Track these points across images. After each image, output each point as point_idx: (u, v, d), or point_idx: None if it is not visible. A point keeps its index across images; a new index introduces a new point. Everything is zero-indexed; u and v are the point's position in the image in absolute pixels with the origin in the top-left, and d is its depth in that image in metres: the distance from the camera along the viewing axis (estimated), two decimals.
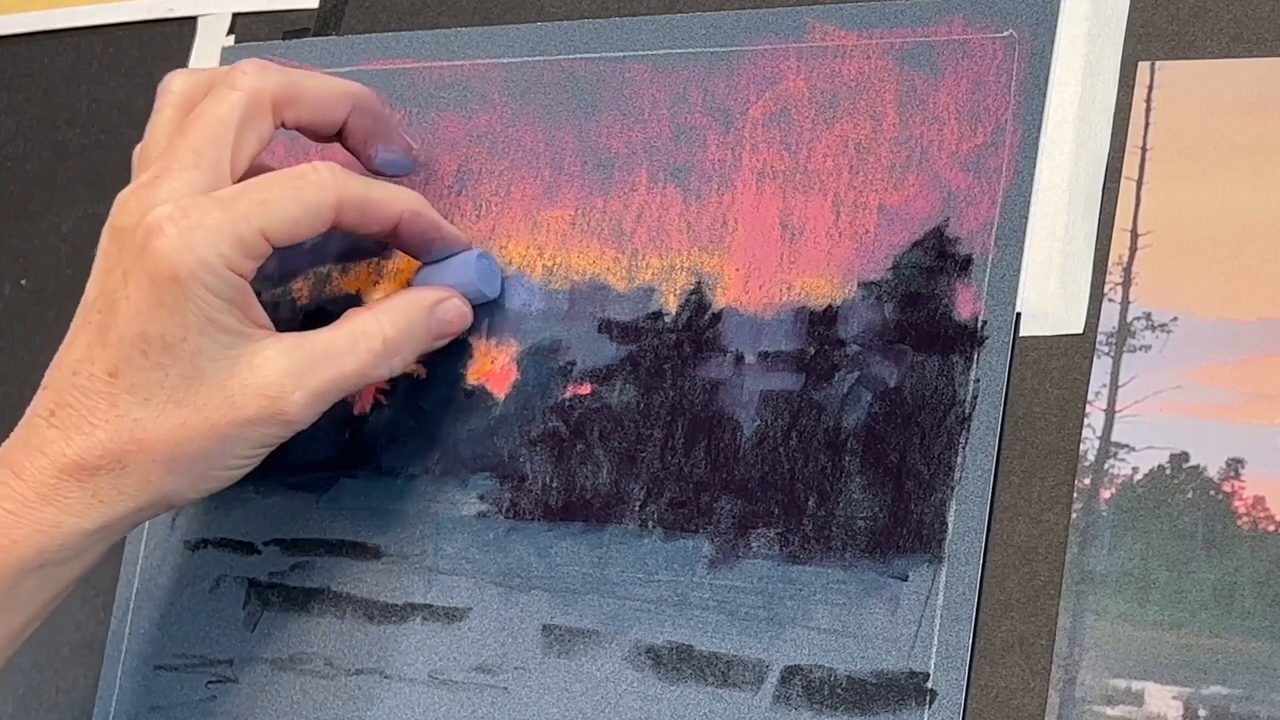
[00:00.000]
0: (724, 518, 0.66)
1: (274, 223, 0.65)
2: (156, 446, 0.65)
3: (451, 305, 0.69)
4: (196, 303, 0.64)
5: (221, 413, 0.65)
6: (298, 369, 0.65)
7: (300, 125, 0.69)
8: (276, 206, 0.65)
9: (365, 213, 0.67)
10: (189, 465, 0.65)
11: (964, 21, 0.66)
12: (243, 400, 0.65)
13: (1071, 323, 0.63)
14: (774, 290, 0.67)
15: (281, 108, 0.68)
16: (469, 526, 0.70)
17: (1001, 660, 0.61)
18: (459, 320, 0.69)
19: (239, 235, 0.64)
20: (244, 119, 0.66)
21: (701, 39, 0.70)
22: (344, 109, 0.70)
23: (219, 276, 0.64)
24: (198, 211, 0.64)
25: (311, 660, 0.72)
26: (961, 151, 0.65)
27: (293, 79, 0.68)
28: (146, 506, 0.66)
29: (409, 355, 0.68)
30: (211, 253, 0.63)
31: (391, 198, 0.68)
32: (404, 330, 0.67)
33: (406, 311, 0.68)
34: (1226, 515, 0.59)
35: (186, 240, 0.63)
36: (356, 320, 0.67)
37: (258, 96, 0.67)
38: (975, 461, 0.63)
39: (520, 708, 0.67)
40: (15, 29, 0.87)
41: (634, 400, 0.68)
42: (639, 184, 0.70)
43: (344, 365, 0.66)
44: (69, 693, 0.77)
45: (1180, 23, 0.64)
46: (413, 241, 0.69)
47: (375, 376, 0.67)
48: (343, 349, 0.66)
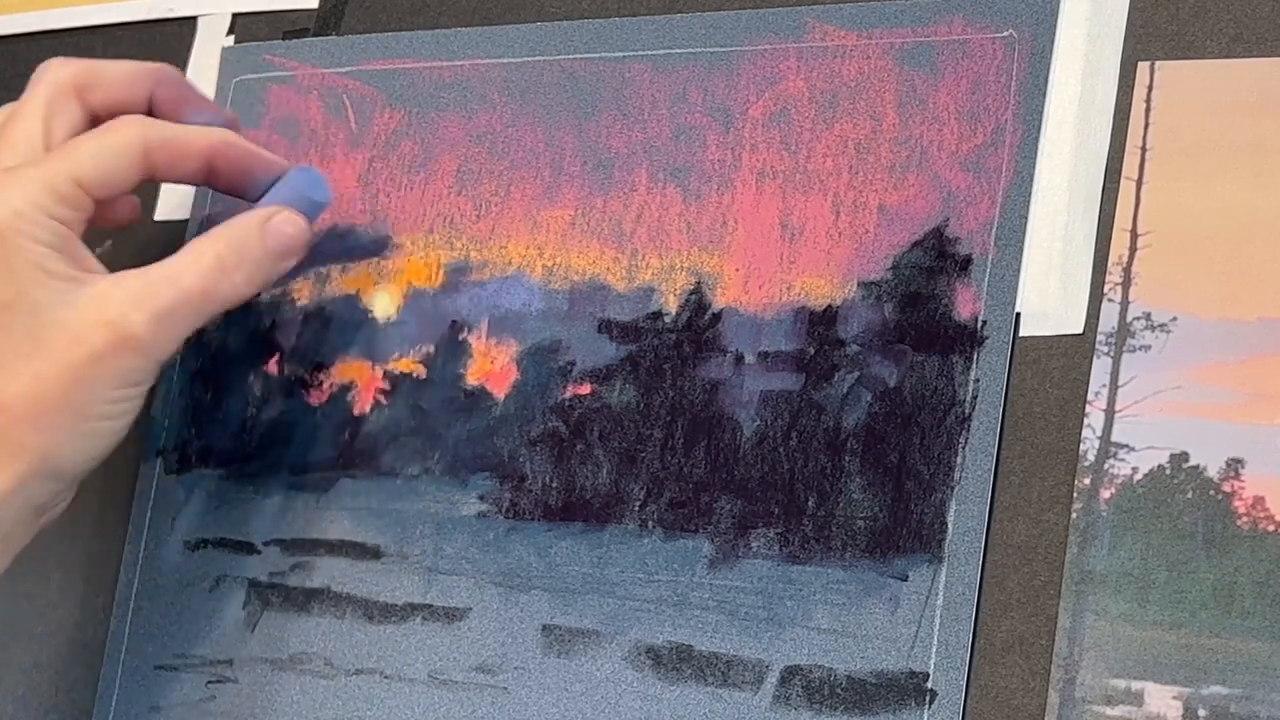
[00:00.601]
0: (724, 518, 0.66)
1: (83, 169, 0.66)
2: (15, 403, 0.64)
3: (284, 217, 0.70)
4: (21, 253, 0.65)
5: (71, 353, 0.65)
6: (136, 295, 0.66)
7: (109, 107, 0.70)
8: (85, 154, 0.67)
9: (175, 151, 0.69)
10: (55, 416, 0.65)
11: (964, 21, 0.66)
12: (89, 335, 0.65)
13: (1071, 323, 0.63)
14: (774, 290, 0.67)
15: (85, 92, 0.70)
16: (469, 526, 0.70)
17: (1001, 660, 0.61)
18: (296, 232, 0.70)
19: (51, 184, 0.66)
20: (50, 108, 0.69)
21: (701, 39, 0.70)
22: (146, 84, 0.72)
23: (38, 224, 0.65)
24: (10, 176, 0.66)
25: (311, 660, 0.72)
26: (961, 151, 0.65)
27: (91, 65, 0.71)
28: (29, 477, 0.65)
29: (251, 272, 0.68)
30: (25, 202, 0.65)
31: (198, 133, 0.70)
32: (237, 246, 0.68)
33: (237, 229, 0.68)
34: (1226, 515, 0.59)
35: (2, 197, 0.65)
36: (191, 246, 0.68)
37: (58, 84, 0.69)
38: (975, 461, 0.63)
39: (520, 708, 0.67)
40: (15, 29, 0.87)
41: (634, 400, 0.68)
42: (639, 184, 0.70)
43: (183, 283, 0.66)
44: (69, 693, 0.77)
45: (1180, 23, 0.64)
46: (231, 175, 0.70)
47: (222, 295, 0.67)
48: (178, 271, 0.67)
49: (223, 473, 0.75)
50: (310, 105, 0.78)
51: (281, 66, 0.79)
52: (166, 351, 0.66)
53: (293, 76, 0.78)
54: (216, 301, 0.67)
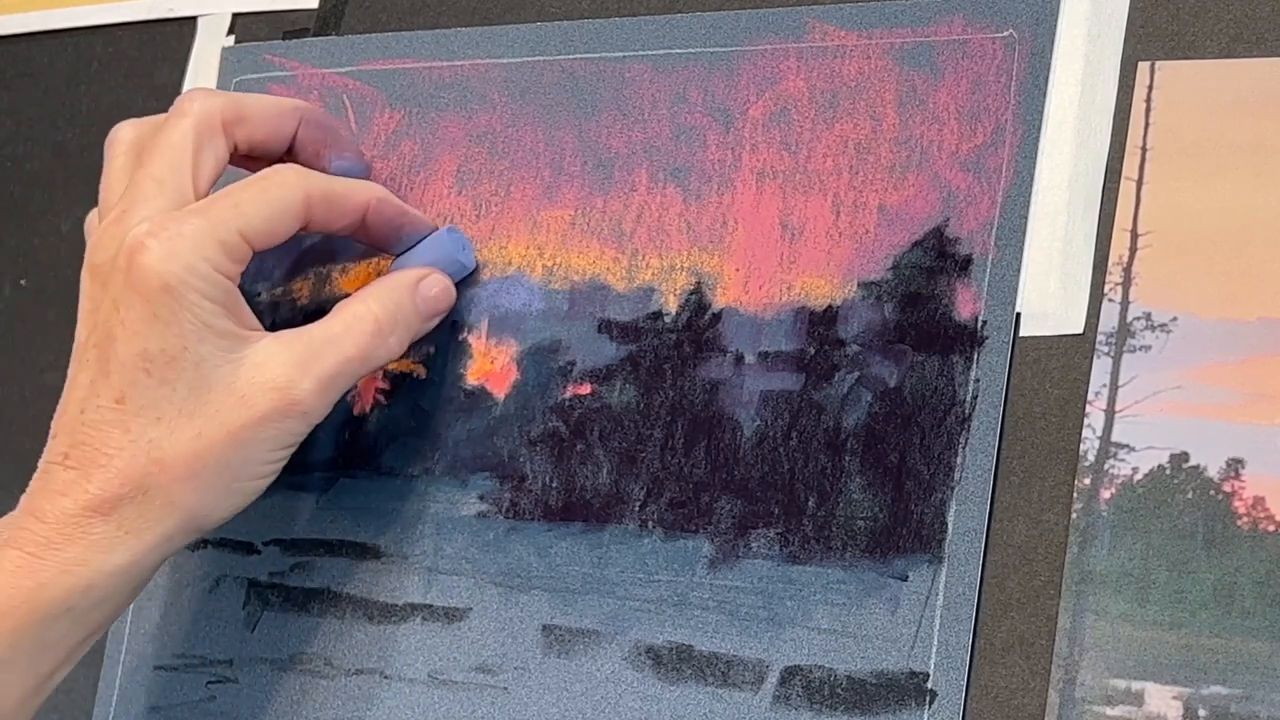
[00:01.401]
0: (724, 518, 0.66)
1: (250, 223, 0.65)
2: (176, 463, 0.64)
3: (434, 280, 0.70)
4: (191, 309, 0.64)
5: (235, 415, 0.64)
6: (302, 359, 0.65)
7: (253, 144, 0.70)
8: (250, 207, 0.65)
9: (333, 206, 0.68)
10: (212, 478, 0.65)
11: (964, 21, 0.66)
12: (254, 398, 0.65)
13: (1071, 323, 0.63)
14: (774, 290, 0.67)
15: (231, 127, 0.69)
16: (469, 526, 0.70)
17: (1001, 660, 0.61)
18: (444, 294, 0.70)
19: (219, 238, 0.64)
20: (198, 141, 0.67)
21: (701, 39, 0.71)
22: (292, 122, 0.71)
23: (208, 280, 0.64)
24: (175, 223, 0.64)
25: (311, 660, 0.72)
26: (961, 151, 0.65)
27: (238, 100, 0.69)
28: (174, 533, 0.65)
29: (404, 335, 0.68)
30: (197, 257, 0.64)
31: (356, 189, 0.69)
32: (393, 310, 0.68)
33: (392, 291, 0.68)
34: (1226, 515, 0.59)
35: (170, 249, 0.64)
36: (347, 308, 0.68)
37: (208, 118, 0.68)
38: (975, 461, 0.63)
39: (520, 708, 0.67)
40: (15, 29, 0.87)
41: (634, 400, 0.68)
42: (639, 184, 0.70)
43: (345, 350, 0.66)
44: (69, 693, 0.77)
45: (1180, 23, 0.64)
46: (381, 230, 0.70)
47: (376, 359, 0.68)
48: (339, 335, 0.67)
49: None
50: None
51: (281, 66, 0.79)
52: (324, 415, 0.66)
53: (293, 76, 0.78)
54: (372, 365, 0.68)
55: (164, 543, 0.65)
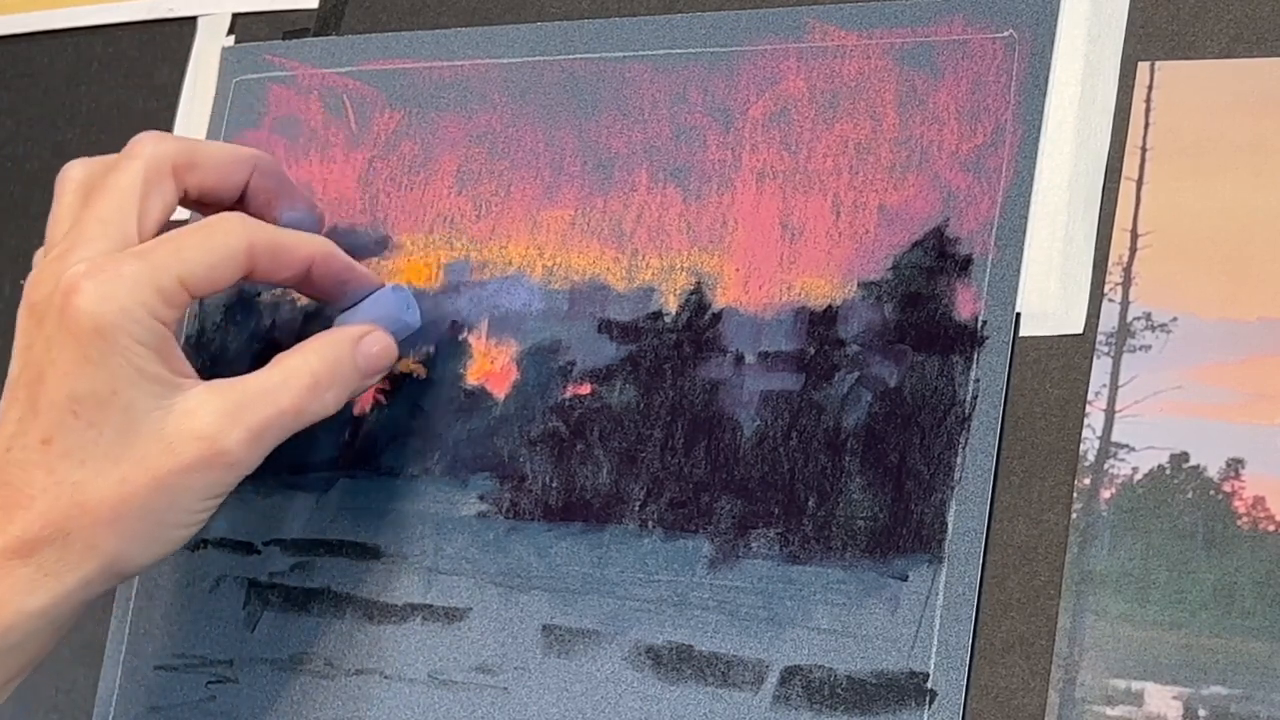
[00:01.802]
0: (724, 518, 0.66)
1: (190, 269, 0.64)
2: (99, 507, 0.63)
3: (375, 338, 0.68)
4: (122, 353, 0.63)
5: (161, 462, 0.63)
6: (233, 409, 0.64)
7: (203, 190, 0.69)
8: (191, 253, 0.65)
9: (277, 257, 0.67)
10: (135, 524, 0.64)
11: (964, 21, 0.66)
12: (181, 447, 0.64)
13: (1071, 323, 0.63)
14: (774, 290, 0.67)
15: (182, 173, 0.68)
16: (469, 526, 0.70)
17: (1001, 660, 0.61)
18: (384, 352, 0.69)
19: (158, 284, 0.64)
20: (146, 185, 0.66)
21: (701, 39, 0.71)
22: (244, 171, 0.70)
23: (142, 325, 0.63)
24: (113, 265, 0.64)
25: (311, 660, 0.72)
26: (961, 151, 0.65)
27: (191, 145, 0.69)
28: (94, 578, 0.64)
29: (341, 390, 0.67)
30: (132, 300, 0.63)
31: (302, 241, 0.68)
32: (332, 364, 0.67)
33: (332, 347, 0.67)
34: (1226, 515, 0.59)
35: (106, 291, 0.63)
36: (285, 360, 0.67)
37: (158, 162, 0.67)
38: (975, 461, 0.63)
39: (520, 708, 0.67)
40: (15, 29, 0.87)
41: (634, 400, 0.68)
42: (639, 184, 0.70)
43: (280, 402, 0.65)
44: (69, 693, 0.77)
45: (1180, 23, 0.64)
46: (326, 284, 0.69)
47: (312, 413, 0.66)
48: (275, 387, 0.66)
49: None
50: (310, 105, 0.78)
51: (281, 66, 0.79)
52: (253, 466, 0.65)
53: (293, 76, 0.78)
54: (306, 419, 0.67)
55: (84, 587, 0.64)
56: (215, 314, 0.76)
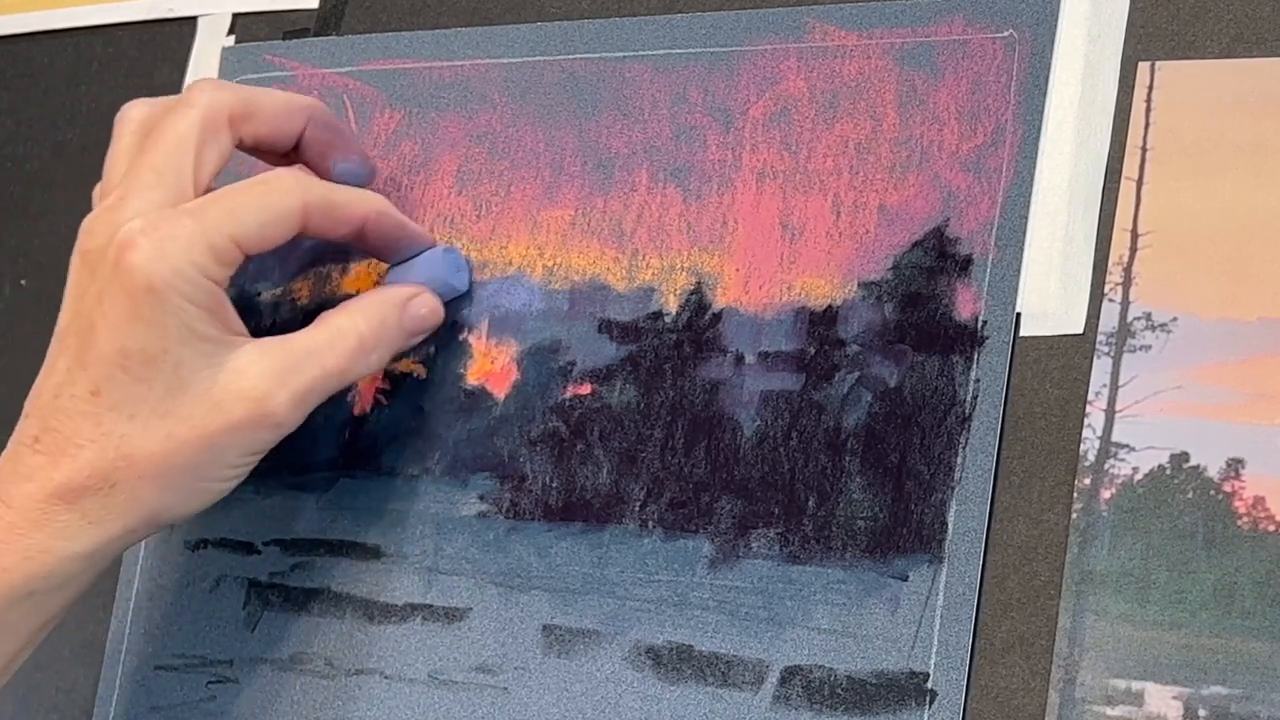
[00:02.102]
0: (724, 518, 0.66)
1: (244, 229, 0.65)
2: (145, 462, 0.64)
3: (423, 300, 0.69)
4: (174, 312, 0.63)
5: (209, 420, 0.64)
6: (280, 370, 0.65)
7: (258, 140, 0.69)
8: (245, 213, 0.65)
9: (331, 215, 0.67)
10: (179, 478, 0.65)
11: (964, 21, 0.66)
12: (229, 405, 0.64)
13: (1071, 323, 0.63)
14: (774, 290, 0.67)
15: (238, 123, 0.68)
16: (469, 526, 0.70)
17: (1001, 660, 0.61)
18: (431, 315, 0.70)
19: (211, 243, 0.64)
20: (203, 135, 0.67)
21: (701, 39, 0.71)
22: (300, 121, 0.70)
23: (195, 284, 0.64)
24: (167, 223, 0.64)
25: (311, 660, 0.72)
26: (961, 151, 0.65)
27: (247, 94, 0.69)
28: (138, 526, 0.65)
29: (386, 351, 0.68)
30: (185, 260, 0.63)
31: (355, 199, 0.68)
32: (378, 326, 0.68)
33: (379, 308, 0.68)
34: (1226, 515, 0.59)
35: (160, 250, 0.63)
36: (332, 320, 0.67)
37: (214, 111, 0.67)
38: (975, 461, 0.63)
39: (520, 708, 0.67)
40: (15, 29, 0.87)
41: (634, 400, 0.68)
42: (639, 184, 0.70)
43: (325, 363, 0.66)
44: (69, 693, 0.77)
45: (1180, 23, 0.64)
46: (379, 242, 0.70)
47: (356, 374, 0.67)
48: (322, 348, 0.66)
49: None
50: None
51: (281, 66, 0.79)
52: (297, 425, 0.66)
53: (293, 76, 0.78)
54: (351, 379, 0.67)
55: (126, 535, 0.65)
56: None
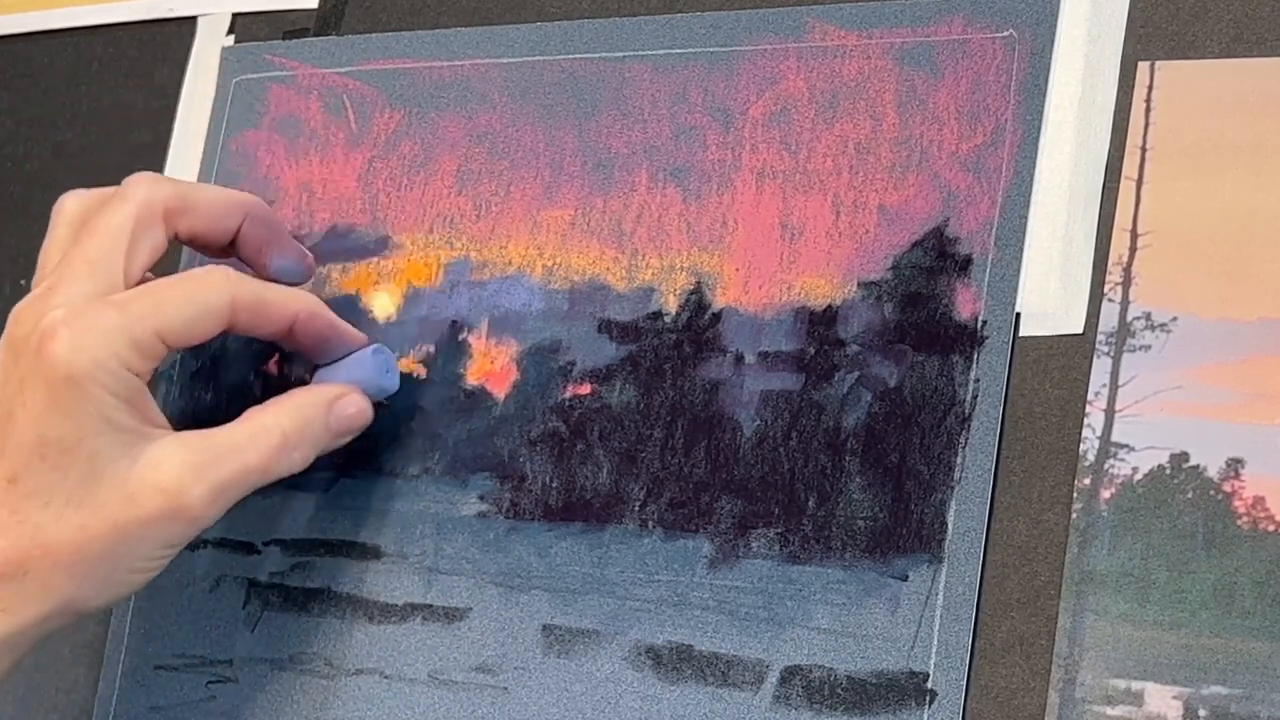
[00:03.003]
0: (724, 518, 0.66)
1: (168, 323, 0.65)
2: (58, 550, 0.64)
3: (350, 400, 0.69)
4: (93, 402, 0.63)
5: (123, 512, 0.64)
6: (198, 464, 0.65)
7: (194, 235, 0.69)
8: (170, 308, 0.65)
9: (259, 313, 0.67)
10: (93, 568, 0.64)
11: (964, 21, 0.66)
12: (143, 498, 0.64)
13: (1071, 323, 0.63)
14: (774, 290, 0.67)
15: (174, 217, 0.68)
16: (469, 526, 0.70)
17: (1001, 660, 0.61)
18: (358, 415, 0.69)
19: (133, 336, 0.64)
20: (136, 229, 0.66)
21: (701, 39, 0.70)
22: (236, 218, 0.70)
23: (114, 376, 0.63)
24: (91, 314, 0.64)
25: (311, 660, 0.72)
26: (961, 151, 0.65)
27: (184, 190, 0.68)
28: (51, 614, 0.65)
29: (310, 450, 0.68)
30: (106, 352, 0.63)
31: (286, 299, 0.68)
32: (302, 425, 0.67)
33: (305, 408, 0.67)
34: (1226, 515, 0.59)
35: (81, 341, 0.63)
36: (255, 418, 0.67)
37: (150, 206, 0.67)
38: (975, 461, 0.63)
39: (520, 708, 0.67)
40: (15, 29, 0.87)
41: (634, 400, 0.68)
42: (639, 184, 0.70)
43: (246, 459, 0.66)
44: (69, 693, 0.77)
45: (1180, 23, 0.64)
46: (308, 342, 0.69)
47: (278, 472, 0.67)
48: (243, 444, 0.66)
49: None
50: (310, 105, 0.78)
51: (281, 66, 0.79)
52: (214, 520, 0.66)
53: (293, 76, 0.78)
54: (272, 476, 0.67)
55: (40, 623, 0.65)
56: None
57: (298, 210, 0.76)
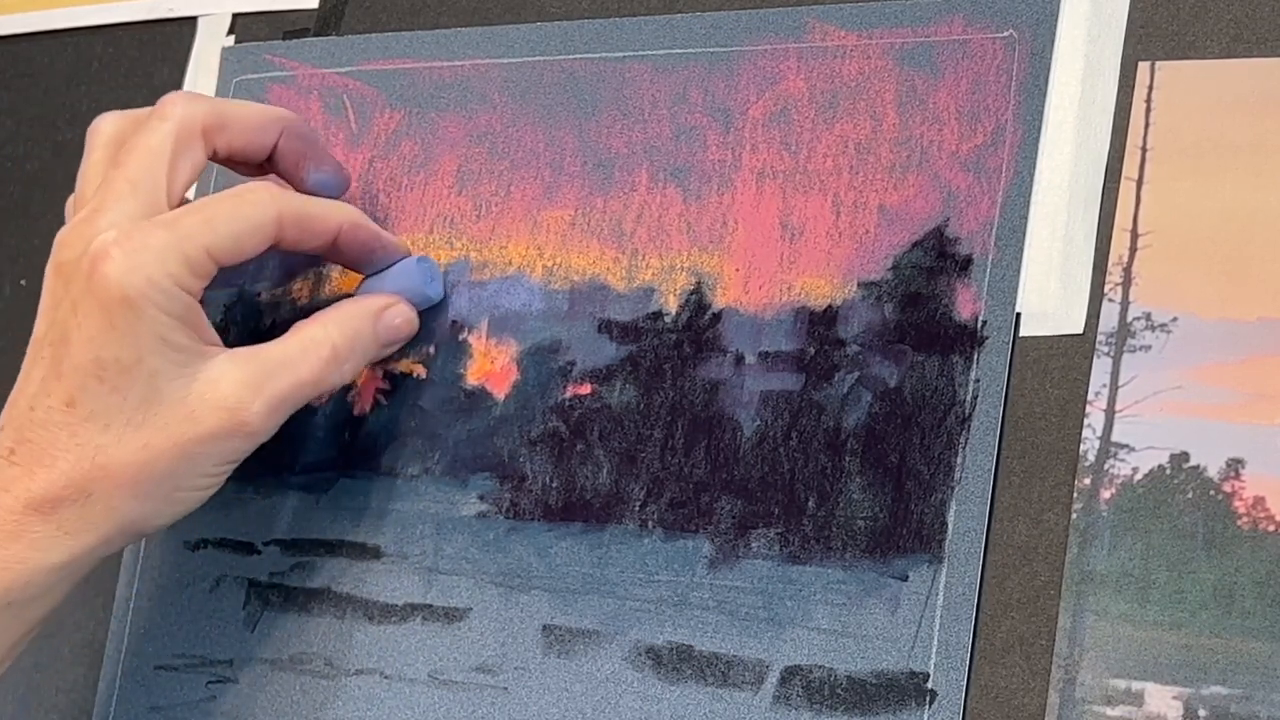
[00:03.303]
0: (724, 518, 0.66)
1: (218, 240, 0.65)
2: (121, 471, 0.64)
3: (397, 310, 0.70)
4: (149, 323, 0.64)
5: (183, 430, 0.65)
6: (254, 380, 0.65)
7: (232, 151, 0.69)
8: (219, 224, 0.65)
9: (305, 227, 0.68)
10: (155, 487, 0.65)
11: (964, 21, 0.66)
12: (203, 415, 0.65)
13: (1071, 323, 0.63)
14: (774, 290, 0.67)
15: (212, 135, 0.68)
16: (469, 526, 0.70)
17: (1001, 660, 0.61)
18: (405, 325, 0.70)
19: (185, 254, 0.64)
20: (176, 147, 0.67)
21: (701, 39, 0.71)
22: (273, 133, 0.70)
23: (169, 295, 0.64)
24: (141, 234, 0.64)
25: (311, 660, 0.72)
26: (961, 151, 0.65)
27: (221, 107, 0.69)
28: (114, 536, 0.66)
29: (359, 361, 0.69)
30: (160, 271, 0.64)
31: (329, 211, 0.69)
32: (351, 337, 0.68)
33: (353, 319, 0.68)
34: (1226, 515, 0.59)
35: (134, 261, 0.63)
36: (305, 330, 0.68)
37: (188, 124, 0.67)
38: (975, 461, 0.63)
39: (520, 708, 0.67)
40: (15, 29, 0.87)
41: (634, 400, 0.68)
42: (639, 184, 0.70)
43: (299, 373, 0.67)
44: (69, 693, 0.77)
45: (1180, 23, 0.64)
46: (353, 253, 0.70)
47: (329, 384, 0.68)
48: (295, 358, 0.67)
49: None
50: (310, 105, 0.78)
51: (281, 66, 0.79)
52: (271, 434, 0.67)
53: (293, 76, 0.78)
54: (324, 389, 0.68)
55: (102, 545, 0.66)
56: (215, 313, 0.76)
57: None
